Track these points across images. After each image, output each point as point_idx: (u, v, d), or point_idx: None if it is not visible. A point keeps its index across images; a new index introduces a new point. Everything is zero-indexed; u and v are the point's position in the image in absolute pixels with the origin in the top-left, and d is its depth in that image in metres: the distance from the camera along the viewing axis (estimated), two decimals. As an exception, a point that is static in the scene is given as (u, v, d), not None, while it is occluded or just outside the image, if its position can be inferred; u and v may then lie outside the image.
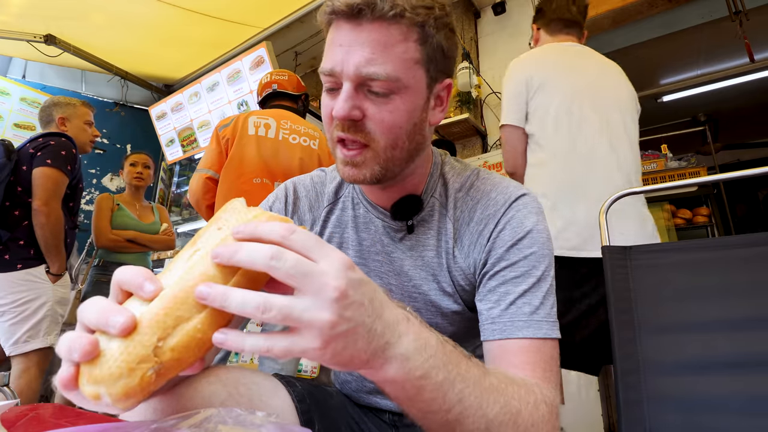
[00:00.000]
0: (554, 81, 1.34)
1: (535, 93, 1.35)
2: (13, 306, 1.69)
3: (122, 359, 0.30)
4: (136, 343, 0.31)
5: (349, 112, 0.52)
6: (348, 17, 0.51)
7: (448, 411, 0.39)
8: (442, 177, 0.67)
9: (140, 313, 0.32)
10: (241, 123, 1.67)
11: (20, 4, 2.61)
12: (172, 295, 0.33)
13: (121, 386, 0.30)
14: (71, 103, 2.02)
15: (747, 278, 0.78)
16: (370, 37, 0.51)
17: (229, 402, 0.54)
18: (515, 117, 1.38)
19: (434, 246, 0.64)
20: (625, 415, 0.75)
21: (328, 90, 0.56)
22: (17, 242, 1.74)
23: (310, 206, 0.71)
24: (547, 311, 0.55)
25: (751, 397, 0.70)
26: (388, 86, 0.52)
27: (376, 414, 0.74)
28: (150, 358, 0.31)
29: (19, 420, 0.41)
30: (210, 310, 0.34)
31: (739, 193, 5.21)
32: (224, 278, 0.35)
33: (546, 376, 0.50)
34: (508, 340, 0.53)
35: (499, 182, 0.64)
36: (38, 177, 1.73)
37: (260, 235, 0.33)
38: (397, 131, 0.55)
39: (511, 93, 1.39)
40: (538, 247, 0.58)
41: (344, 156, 0.56)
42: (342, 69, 0.52)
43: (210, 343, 0.34)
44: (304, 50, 3.24)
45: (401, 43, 0.52)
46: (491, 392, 0.42)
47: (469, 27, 2.76)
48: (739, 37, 2.12)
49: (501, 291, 0.56)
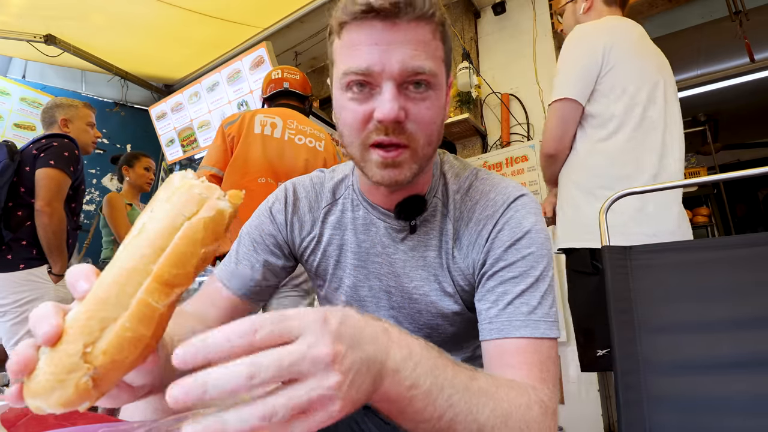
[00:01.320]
0: (629, 65, 1.21)
1: (609, 70, 1.21)
2: (15, 306, 1.70)
3: (50, 372, 0.29)
4: (61, 353, 0.30)
5: (398, 112, 0.51)
6: (386, 16, 0.50)
7: (440, 418, 0.39)
8: (443, 176, 0.67)
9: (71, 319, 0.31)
10: (248, 121, 1.65)
11: (20, 4, 2.61)
12: (94, 296, 0.32)
13: (57, 398, 0.29)
14: (73, 104, 2.03)
15: (747, 278, 0.78)
16: (408, 35, 0.51)
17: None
18: (580, 92, 1.22)
19: (436, 246, 0.64)
20: (625, 415, 0.75)
21: (357, 91, 0.53)
22: (20, 242, 1.74)
23: (310, 207, 0.71)
24: (545, 311, 0.55)
25: (752, 397, 0.70)
26: (429, 81, 0.52)
27: (376, 413, 0.74)
28: (79, 365, 0.30)
29: (19, 420, 0.41)
30: (135, 306, 0.32)
31: (739, 193, 5.21)
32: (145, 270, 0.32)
33: (543, 377, 0.50)
34: (506, 340, 0.53)
35: (498, 183, 0.64)
36: (41, 178, 1.74)
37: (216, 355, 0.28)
38: (433, 127, 0.55)
39: (579, 63, 1.22)
40: (537, 247, 0.58)
41: (384, 158, 0.54)
42: (383, 68, 0.51)
43: (147, 339, 0.33)
44: (304, 50, 3.24)
45: (432, 41, 0.53)
46: (480, 396, 0.42)
47: (469, 27, 2.76)
48: (739, 37, 2.12)
49: (499, 291, 0.56)
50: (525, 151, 2.36)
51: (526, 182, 2.33)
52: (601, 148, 1.23)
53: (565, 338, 2.10)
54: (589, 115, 1.25)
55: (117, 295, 0.31)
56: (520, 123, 2.50)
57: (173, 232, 0.33)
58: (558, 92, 1.26)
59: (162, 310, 0.33)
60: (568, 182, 1.31)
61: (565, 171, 1.33)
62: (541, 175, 2.28)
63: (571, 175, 1.30)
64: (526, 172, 2.34)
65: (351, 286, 0.69)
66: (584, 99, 1.23)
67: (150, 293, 0.32)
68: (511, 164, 2.38)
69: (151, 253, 0.32)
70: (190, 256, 0.34)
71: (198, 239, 0.34)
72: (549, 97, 2.43)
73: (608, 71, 1.22)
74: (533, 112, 2.49)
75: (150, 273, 0.32)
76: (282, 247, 0.71)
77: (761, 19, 2.43)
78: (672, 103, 1.28)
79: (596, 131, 1.24)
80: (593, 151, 1.24)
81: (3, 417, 0.42)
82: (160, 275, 0.32)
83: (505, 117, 2.53)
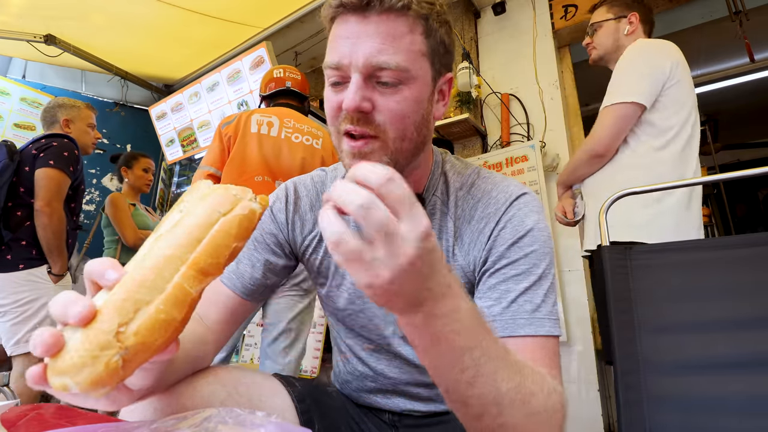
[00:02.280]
0: (689, 83, 1.30)
1: (674, 84, 1.27)
2: (15, 306, 1.70)
3: (83, 348, 0.30)
4: (97, 330, 0.31)
5: (359, 103, 0.52)
6: (355, 10, 0.52)
7: (462, 371, 0.40)
8: (444, 175, 0.67)
9: (102, 302, 0.32)
10: (244, 121, 1.66)
11: (20, 4, 2.60)
12: (130, 279, 0.33)
13: (87, 375, 0.30)
14: (75, 105, 2.03)
15: (747, 278, 0.78)
16: (379, 28, 0.51)
17: (229, 402, 0.54)
18: (645, 96, 1.26)
19: None
20: (625, 415, 0.75)
21: (333, 84, 0.56)
22: (19, 242, 1.74)
23: (311, 205, 0.71)
24: (548, 309, 0.55)
25: (752, 397, 0.70)
26: (397, 76, 0.52)
27: (376, 414, 0.74)
28: (112, 343, 0.31)
29: (19, 420, 0.41)
30: (171, 290, 0.34)
31: (739, 193, 5.21)
32: (181, 258, 0.35)
33: (552, 374, 0.50)
34: (511, 338, 0.53)
35: (500, 181, 0.64)
36: (41, 178, 1.74)
37: (359, 178, 0.34)
38: (406, 122, 0.55)
39: (648, 70, 1.27)
40: (539, 245, 0.58)
41: (351, 147, 0.55)
42: (350, 61, 0.52)
43: (177, 323, 0.34)
44: (304, 50, 3.24)
45: (408, 35, 0.53)
46: (509, 368, 0.42)
47: (469, 27, 2.76)
48: (739, 37, 2.12)
49: (502, 289, 0.56)
50: (525, 151, 2.36)
51: (526, 182, 2.33)
52: (656, 156, 1.28)
53: (566, 338, 2.10)
54: (646, 123, 1.29)
55: (154, 279, 0.34)
56: (520, 123, 2.50)
57: (209, 226, 0.37)
58: (623, 95, 1.28)
59: (194, 295, 0.36)
60: (610, 183, 1.33)
61: (605, 173, 1.36)
62: (541, 174, 2.28)
63: (616, 176, 1.32)
64: (526, 172, 2.33)
65: (353, 283, 0.68)
66: (648, 103, 1.28)
67: (186, 279, 0.35)
68: (511, 164, 2.38)
69: (188, 243, 0.36)
70: (223, 248, 0.37)
71: (232, 234, 0.38)
72: (548, 97, 2.44)
73: (673, 85, 1.27)
74: (533, 112, 2.49)
75: (186, 261, 0.35)
76: (283, 246, 0.71)
77: (761, 19, 2.43)
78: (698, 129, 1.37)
79: (651, 139, 1.29)
80: (647, 156, 1.29)
81: (3, 417, 0.42)
82: (196, 263, 0.35)
83: (505, 117, 2.53)
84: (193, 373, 0.55)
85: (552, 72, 2.48)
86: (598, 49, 1.49)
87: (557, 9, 2.56)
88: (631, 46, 1.35)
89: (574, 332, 2.11)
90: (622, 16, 1.44)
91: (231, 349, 1.58)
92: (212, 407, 0.50)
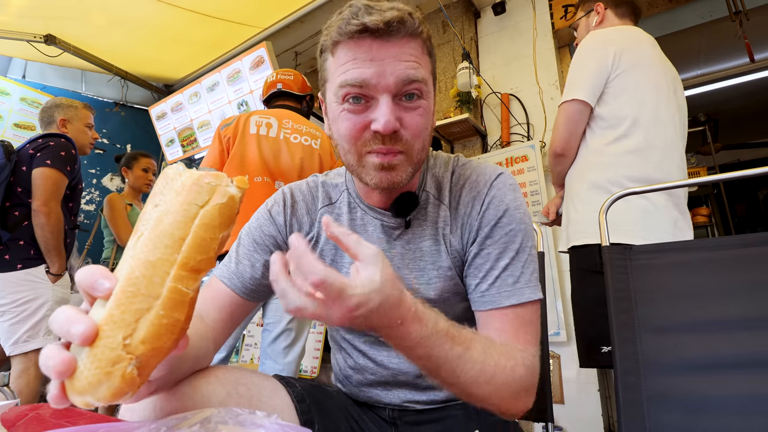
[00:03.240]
0: (640, 68, 1.25)
1: (620, 74, 1.24)
2: (13, 306, 1.70)
3: (95, 367, 0.31)
4: (103, 347, 0.31)
5: (395, 124, 0.55)
6: (378, 35, 0.54)
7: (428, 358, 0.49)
8: (430, 170, 0.72)
9: (101, 316, 0.32)
10: (243, 122, 1.67)
11: (20, 4, 2.60)
12: (122, 290, 0.33)
13: (105, 390, 0.30)
14: (73, 105, 2.03)
15: (747, 278, 0.78)
16: (402, 50, 0.56)
17: (229, 402, 0.54)
18: (589, 93, 1.25)
19: (431, 235, 0.68)
20: (625, 415, 0.75)
21: (353, 102, 0.57)
22: (17, 242, 1.74)
23: (307, 209, 0.74)
24: (527, 278, 0.62)
25: (752, 397, 0.70)
26: (421, 90, 0.57)
27: (376, 412, 0.74)
28: (122, 357, 0.31)
29: (19, 420, 0.41)
30: (167, 294, 0.34)
31: (739, 193, 5.21)
32: (169, 260, 0.34)
33: (527, 339, 0.59)
34: (496, 310, 0.61)
35: (477, 166, 0.70)
36: (38, 177, 1.73)
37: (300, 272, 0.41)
38: (425, 133, 0.60)
39: (591, 66, 1.26)
40: (516, 223, 0.63)
41: (381, 160, 0.58)
42: (378, 81, 0.55)
43: (181, 323, 0.34)
44: (304, 50, 3.24)
45: (423, 56, 0.59)
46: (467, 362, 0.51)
47: (469, 27, 2.76)
48: (739, 37, 2.12)
49: (486, 267, 0.63)
50: (525, 151, 2.36)
51: (526, 182, 2.33)
52: (613, 149, 1.26)
53: (565, 338, 2.10)
54: (598, 117, 1.28)
55: (146, 287, 0.33)
56: (520, 123, 2.50)
57: (190, 221, 0.36)
58: (567, 94, 1.30)
59: (192, 294, 0.35)
60: (579, 180, 1.32)
61: (577, 169, 1.34)
62: (541, 174, 2.28)
63: (584, 173, 1.31)
64: (526, 172, 2.34)
65: None
66: (593, 100, 1.26)
67: (179, 280, 0.34)
68: (511, 164, 2.38)
69: (172, 243, 0.35)
70: (210, 242, 0.36)
71: (216, 225, 0.36)
72: (548, 97, 2.44)
73: (619, 74, 1.25)
74: (533, 112, 2.49)
75: (174, 262, 0.34)
76: (281, 247, 0.72)
77: (761, 19, 2.43)
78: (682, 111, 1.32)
79: (606, 132, 1.27)
80: (605, 151, 1.27)
81: (3, 417, 0.42)
82: (185, 262, 0.35)
83: (505, 117, 2.53)
84: (193, 372, 0.55)
85: (552, 72, 2.48)
86: None
87: (557, 9, 2.56)
88: (582, 41, 1.34)
89: (574, 332, 2.11)
90: (590, 10, 1.45)
91: (230, 349, 1.58)
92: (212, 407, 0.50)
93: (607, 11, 1.42)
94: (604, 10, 1.43)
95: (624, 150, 1.24)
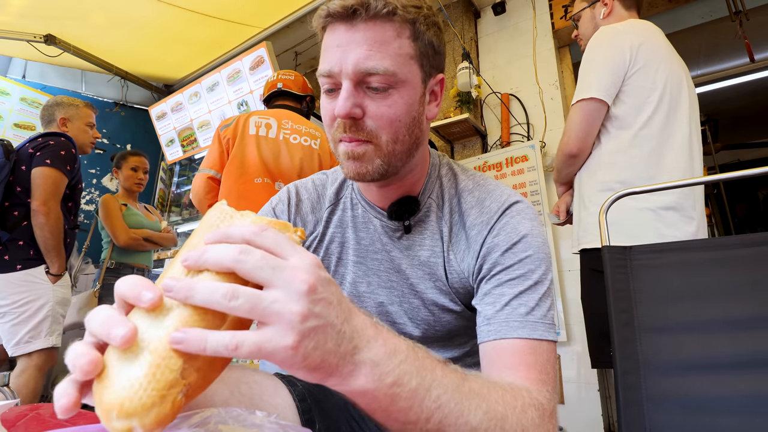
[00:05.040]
0: (657, 63, 1.20)
1: (637, 70, 1.19)
2: (14, 307, 1.69)
3: (152, 387, 0.29)
4: (164, 368, 0.29)
5: (350, 109, 0.53)
6: (343, 18, 0.53)
7: (428, 420, 0.37)
8: (440, 179, 0.69)
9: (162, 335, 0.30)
10: (242, 123, 1.67)
11: (20, 4, 2.60)
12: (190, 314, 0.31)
13: (154, 415, 0.29)
14: (74, 104, 2.02)
15: (747, 278, 0.78)
16: (366, 35, 0.53)
17: (230, 401, 0.54)
18: (606, 92, 1.20)
19: (430, 246, 0.65)
20: (625, 415, 0.75)
21: (327, 92, 0.57)
22: (17, 243, 1.73)
23: (312, 208, 0.73)
24: (542, 313, 0.54)
25: (752, 397, 0.70)
26: (386, 81, 0.54)
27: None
28: (179, 381, 0.30)
29: (19, 420, 0.41)
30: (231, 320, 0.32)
31: (739, 193, 5.21)
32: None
33: (542, 378, 0.49)
34: (503, 341, 0.52)
35: (494, 189, 0.65)
36: (37, 177, 1.73)
37: (230, 234, 0.32)
38: (397, 125, 0.56)
39: (607, 63, 1.20)
40: (534, 250, 0.58)
41: (346, 148, 0.57)
42: (341, 68, 0.54)
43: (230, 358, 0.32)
44: (304, 50, 3.24)
45: (395, 40, 0.54)
46: (472, 398, 0.40)
47: (469, 27, 2.76)
48: (739, 37, 2.12)
49: (496, 293, 0.56)
50: (525, 151, 2.36)
51: (526, 182, 2.33)
52: (627, 149, 1.22)
53: (565, 338, 2.10)
54: (613, 117, 1.24)
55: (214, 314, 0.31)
56: (520, 123, 2.50)
57: None
58: (583, 92, 1.23)
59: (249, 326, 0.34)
60: (590, 181, 1.29)
61: (588, 170, 1.31)
62: (541, 174, 2.28)
63: (596, 173, 1.28)
64: (526, 172, 2.34)
65: (351, 282, 0.70)
66: (610, 99, 1.22)
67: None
68: (511, 164, 2.38)
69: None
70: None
71: None
72: (548, 97, 2.44)
73: (636, 71, 1.20)
74: (533, 112, 2.49)
75: None
76: None
77: (761, 19, 2.43)
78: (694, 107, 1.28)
79: (621, 132, 1.23)
80: (618, 151, 1.23)
81: (3, 417, 0.42)
82: None
83: (505, 117, 2.53)
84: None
85: (552, 72, 2.48)
86: (584, 40, 1.44)
87: (557, 9, 2.56)
88: (594, 35, 1.29)
89: (574, 332, 2.11)
90: (595, 1, 1.40)
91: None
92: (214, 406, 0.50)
93: (614, 2, 1.36)
94: (612, 2, 1.36)
95: (638, 151, 1.21)
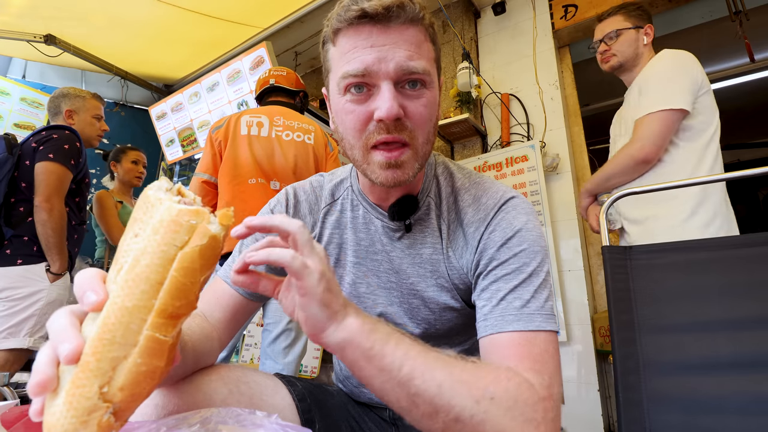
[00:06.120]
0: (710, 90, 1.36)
1: (705, 92, 1.34)
2: (7, 300, 1.63)
3: (71, 416, 0.30)
4: (79, 396, 0.30)
5: (398, 110, 0.54)
6: (377, 20, 0.53)
7: (399, 369, 0.44)
8: (436, 178, 0.69)
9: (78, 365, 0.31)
10: (234, 124, 1.66)
11: (20, 4, 2.60)
12: (98, 337, 0.31)
13: None
14: (80, 95, 1.97)
15: (747, 278, 0.78)
16: (403, 37, 0.54)
17: (230, 400, 0.54)
18: (689, 104, 1.31)
19: (431, 243, 0.66)
20: (625, 415, 0.75)
21: (356, 93, 0.55)
22: (21, 238, 1.69)
23: (310, 209, 0.73)
24: (539, 304, 0.54)
25: (752, 397, 0.70)
26: (423, 80, 0.55)
27: (377, 412, 0.74)
28: (98, 406, 0.31)
29: (19, 420, 0.41)
30: (144, 342, 0.32)
31: (739, 193, 5.20)
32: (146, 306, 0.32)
33: (535, 368, 0.49)
34: (499, 335, 0.53)
35: (489, 186, 0.66)
36: (40, 172, 1.67)
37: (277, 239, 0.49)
38: (429, 125, 0.58)
39: (690, 79, 1.32)
40: (528, 244, 0.58)
41: (387, 159, 0.56)
42: (380, 68, 0.53)
43: (161, 369, 0.33)
44: (304, 50, 3.24)
45: (424, 42, 0.57)
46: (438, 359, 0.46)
47: (469, 27, 2.76)
48: (739, 37, 2.12)
49: (493, 289, 0.57)
50: (525, 151, 2.36)
51: (526, 182, 2.33)
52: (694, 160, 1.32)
53: (565, 338, 2.10)
54: (683, 129, 1.33)
55: (123, 335, 0.32)
56: (520, 123, 2.50)
57: (168, 264, 0.33)
58: (665, 102, 1.31)
59: (171, 340, 0.34)
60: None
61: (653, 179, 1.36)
62: (541, 174, 2.28)
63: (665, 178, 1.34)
64: (526, 171, 2.33)
65: (351, 283, 0.70)
66: (692, 111, 1.33)
67: (156, 328, 0.32)
68: (511, 164, 2.38)
69: (149, 288, 0.32)
70: (190, 286, 0.34)
71: (196, 268, 0.34)
72: (548, 97, 2.44)
73: (704, 93, 1.34)
74: (533, 112, 2.49)
75: (152, 309, 0.32)
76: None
77: (761, 19, 2.43)
78: None
79: (688, 144, 1.33)
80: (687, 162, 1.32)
81: (3, 417, 0.42)
82: (163, 309, 0.33)
83: (505, 117, 2.53)
84: (195, 371, 0.55)
85: (552, 72, 2.48)
86: (619, 57, 1.50)
87: (557, 9, 2.56)
88: (662, 55, 1.40)
89: (574, 332, 2.11)
90: (639, 26, 1.47)
91: (231, 349, 1.58)
92: (214, 405, 0.50)
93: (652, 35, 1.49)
94: (653, 32, 1.48)
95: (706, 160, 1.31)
